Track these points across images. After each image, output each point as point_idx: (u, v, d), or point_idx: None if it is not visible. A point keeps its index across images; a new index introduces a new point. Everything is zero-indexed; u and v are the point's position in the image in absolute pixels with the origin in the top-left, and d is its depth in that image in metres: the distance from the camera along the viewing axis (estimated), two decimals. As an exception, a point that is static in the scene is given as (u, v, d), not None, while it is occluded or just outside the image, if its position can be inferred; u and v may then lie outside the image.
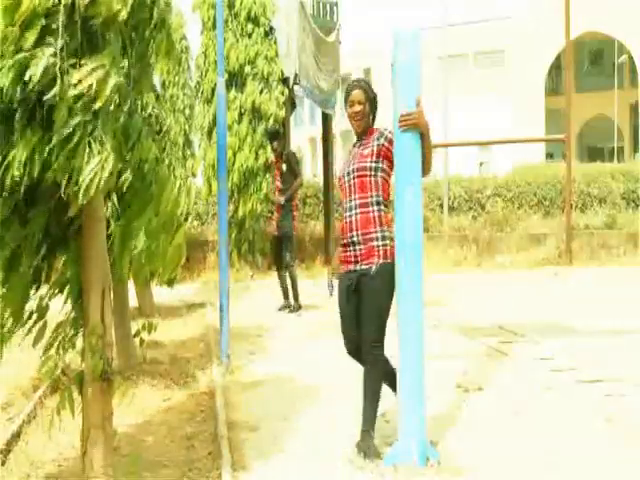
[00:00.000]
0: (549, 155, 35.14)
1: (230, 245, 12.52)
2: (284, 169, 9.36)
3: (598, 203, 18.24)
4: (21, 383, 5.72)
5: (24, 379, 5.74)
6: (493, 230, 16.29)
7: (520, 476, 3.91)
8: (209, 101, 13.18)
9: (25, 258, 3.12)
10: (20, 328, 3.22)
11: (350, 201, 4.19)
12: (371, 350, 4.11)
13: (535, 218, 17.51)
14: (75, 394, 3.35)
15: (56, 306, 3.37)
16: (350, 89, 4.28)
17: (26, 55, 2.74)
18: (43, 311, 3.27)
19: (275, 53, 13.36)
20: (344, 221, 4.23)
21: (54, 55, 2.77)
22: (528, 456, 4.13)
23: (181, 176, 8.58)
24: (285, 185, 9.34)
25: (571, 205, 15.10)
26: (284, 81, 13.45)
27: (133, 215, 3.24)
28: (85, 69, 2.80)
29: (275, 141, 9.55)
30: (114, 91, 2.83)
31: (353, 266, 4.17)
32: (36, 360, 3.47)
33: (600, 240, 15.18)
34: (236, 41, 13.24)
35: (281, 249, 9.52)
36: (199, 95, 13.36)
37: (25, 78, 2.73)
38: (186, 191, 6.50)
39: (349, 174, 4.22)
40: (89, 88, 2.77)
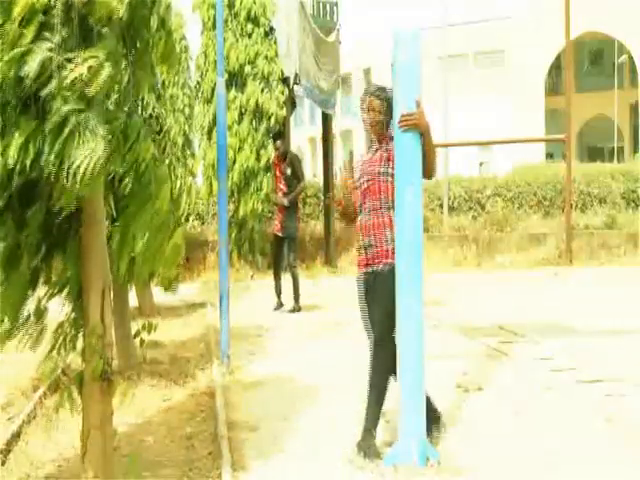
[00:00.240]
0: (549, 155, 35.09)
1: (230, 245, 12.51)
2: (288, 173, 9.47)
3: (598, 203, 18.25)
4: (21, 383, 5.72)
5: (24, 379, 5.73)
6: (493, 230, 16.27)
7: (520, 476, 3.91)
8: (209, 101, 13.16)
9: (24, 257, 3.12)
10: (18, 330, 3.21)
11: (364, 204, 4.32)
12: (381, 343, 4.13)
13: (535, 218, 17.51)
14: (75, 394, 3.35)
15: (56, 307, 3.37)
16: (366, 95, 4.31)
17: (23, 50, 2.75)
18: (41, 314, 3.27)
19: (275, 53, 13.34)
20: (359, 223, 4.35)
21: (51, 50, 2.78)
22: (528, 456, 4.13)
23: (181, 176, 8.57)
24: (289, 189, 9.48)
25: (571, 205, 15.10)
26: (284, 81, 13.45)
27: (131, 215, 3.24)
28: (79, 59, 2.82)
29: (278, 140, 9.82)
30: (107, 81, 2.84)
31: (368, 268, 4.27)
32: (36, 360, 3.47)
33: (600, 240, 15.16)
34: (236, 41, 13.23)
35: (282, 249, 9.57)
36: (199, 95, 13.35)
37: (21, 74, 2.74)
38: (186, 191, 6.49)
39: (361, 177, 4.35)
40: (81, 76, 2.78)
